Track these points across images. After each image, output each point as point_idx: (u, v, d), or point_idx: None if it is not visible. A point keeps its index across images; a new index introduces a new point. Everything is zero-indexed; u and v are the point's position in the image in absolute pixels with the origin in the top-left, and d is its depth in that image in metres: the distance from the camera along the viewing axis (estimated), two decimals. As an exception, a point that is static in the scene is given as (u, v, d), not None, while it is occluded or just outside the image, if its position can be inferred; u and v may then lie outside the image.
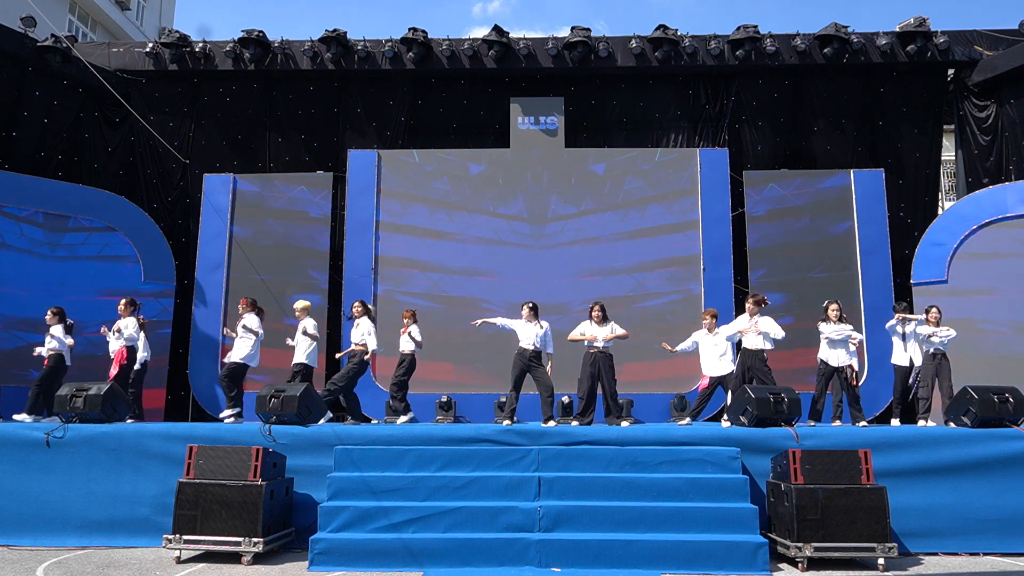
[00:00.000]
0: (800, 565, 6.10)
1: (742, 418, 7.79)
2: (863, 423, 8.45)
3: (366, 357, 9.13)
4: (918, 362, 9.23)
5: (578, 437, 7.30)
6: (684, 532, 6.28)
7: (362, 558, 6.12)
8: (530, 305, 8.77)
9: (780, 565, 6.25)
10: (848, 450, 6.54)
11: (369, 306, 9.49)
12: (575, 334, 8.75)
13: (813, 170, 12.60)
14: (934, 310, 9.14)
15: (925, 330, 9.07)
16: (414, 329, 9.23)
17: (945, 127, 13.35)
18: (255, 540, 6.25)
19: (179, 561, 6.33)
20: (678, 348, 9.05)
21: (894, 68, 12.83)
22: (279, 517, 6.70)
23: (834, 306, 8.92)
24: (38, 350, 9.12)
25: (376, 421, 10.71)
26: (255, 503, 6.31)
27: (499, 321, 9.09)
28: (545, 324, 8.78)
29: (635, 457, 6.98)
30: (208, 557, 6.45)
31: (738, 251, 12.09)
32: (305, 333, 9.14)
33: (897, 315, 9.37)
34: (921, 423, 8.82)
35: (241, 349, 8.91)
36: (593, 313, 8.66)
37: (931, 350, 9.05)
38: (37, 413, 8.83)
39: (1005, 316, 11.16)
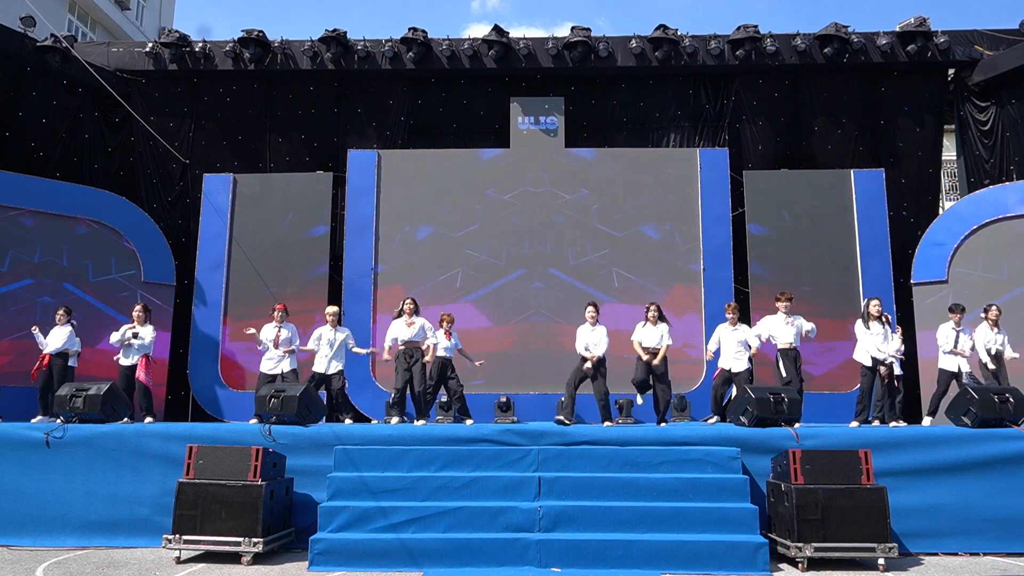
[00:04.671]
0: (800, 565, 6.10)
1: (742, 418, 7.79)
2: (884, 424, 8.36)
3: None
4: (965, 367, 8.97)
5: (578, 437, 7.30)
6: (684, 532, 6.28)
7: (362, 558, 6.13)
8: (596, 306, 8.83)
9: (780, 565, 6.25)
10: (848, 450, 6.54)
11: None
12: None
13: (813, 170, 12.59)
14: (994, 308, 8.97)
15: (982, 335, 8.83)
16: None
17: (946, 127, 13.35)
18: (255, 540, 6.25)
19: (179, 561, 6.33)
20: (711, 350, 9.11)
21: (894, 68, 12.82)
22: (279, 517, 6.70)
23: (875, 302, 8.69)
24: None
25: (376, 421, 10.72)
26: (255, 503, 6.31)
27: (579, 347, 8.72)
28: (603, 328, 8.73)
29: (635, 457, 6.98)
30: (208, 557, 6.45)
31: (738, 251, 12.09)
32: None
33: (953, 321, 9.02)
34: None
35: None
36: (649, 314, 8.84)
37: (992, 350, 8.84)
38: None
39: (1005, 316, 11.14)
